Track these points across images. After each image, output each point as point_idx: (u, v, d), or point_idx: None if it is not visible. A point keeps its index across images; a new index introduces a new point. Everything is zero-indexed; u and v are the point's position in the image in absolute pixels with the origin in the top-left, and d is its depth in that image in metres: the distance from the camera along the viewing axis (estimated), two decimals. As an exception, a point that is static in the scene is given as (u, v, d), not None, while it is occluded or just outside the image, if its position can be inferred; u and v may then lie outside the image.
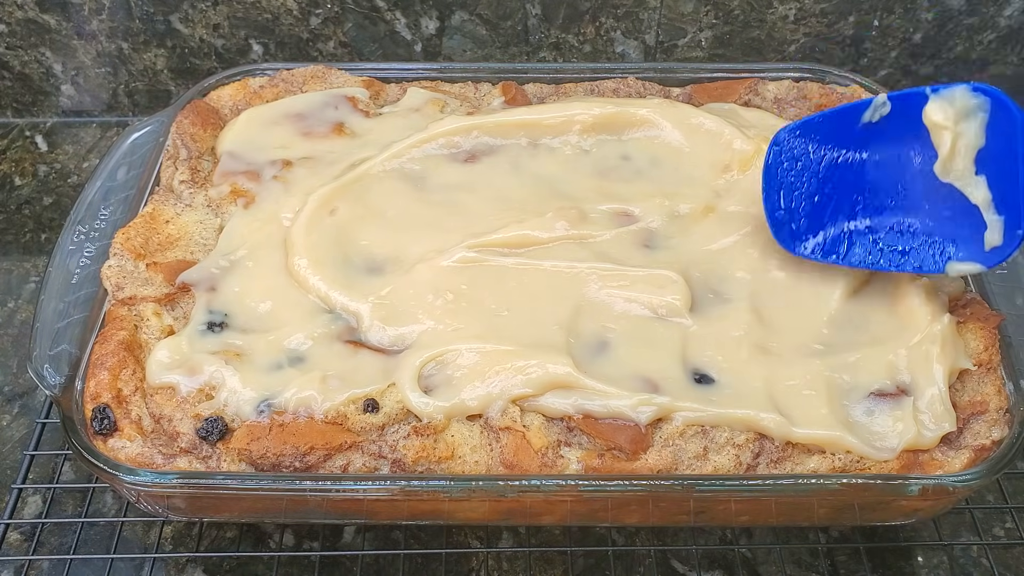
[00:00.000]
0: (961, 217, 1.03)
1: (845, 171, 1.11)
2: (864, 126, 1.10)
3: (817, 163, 1.13)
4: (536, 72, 1.41)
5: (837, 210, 1.12)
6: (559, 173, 1.25)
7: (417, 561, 1.10)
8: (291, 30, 1.56)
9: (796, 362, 1.04)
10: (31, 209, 1.53)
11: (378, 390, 1.02)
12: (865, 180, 1.11)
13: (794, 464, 0.99)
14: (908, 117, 1.06)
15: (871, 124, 1.09)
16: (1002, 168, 0.98)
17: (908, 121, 1.06)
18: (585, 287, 1.10)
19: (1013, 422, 1.00)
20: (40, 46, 1.57)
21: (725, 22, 1.56)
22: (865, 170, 1.11)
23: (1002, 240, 0.99)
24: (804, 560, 1.10)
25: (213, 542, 1.11)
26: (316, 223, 1.16)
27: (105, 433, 1.00)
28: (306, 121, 1.31)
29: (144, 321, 1.09)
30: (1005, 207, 0.99)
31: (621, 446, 0.99)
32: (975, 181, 1.01)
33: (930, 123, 1.03)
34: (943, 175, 1.03)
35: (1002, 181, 0.99)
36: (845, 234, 1.11)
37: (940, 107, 1.02)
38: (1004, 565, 1.09)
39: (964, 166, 1.02)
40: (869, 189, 1.10)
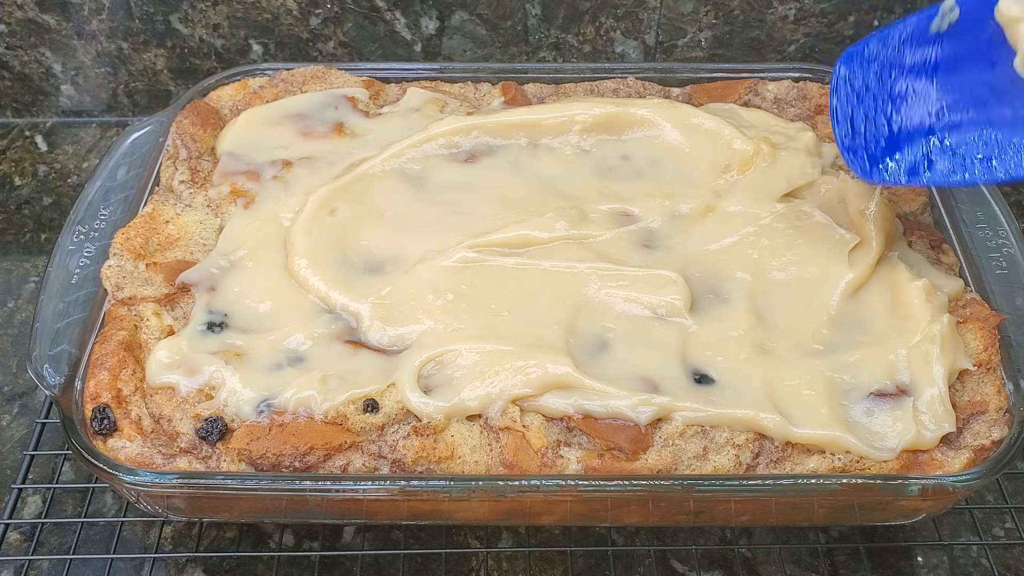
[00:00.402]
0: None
1: (917, 86, 1.06)
2: (934, 36, 1.04)
3: (887, 81, 1.07)
4: (536, 72, 1.41)
5: (914, 127, 1.05)
6: (559, 173, 1.25)
7: (417, 561, 1.10)
8: (291, 30, 1.56)
9: (796, 362, 1.04)
10: (31, 209, 1.53)
11: (378, 390, 1.02)
12: (940, 92, 1.05)
13: (794, 464, 0.99)
14: (979, 19, 1.00)
15: (940, 34, 1.04)
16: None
17: (979, 23, 1.00)
18: (585, 287, 1.10)
19: (1013, 422, 1.00)
20: (40, 46, 1.57)
21: (725, 22, 1.56)
22: (939, 82, 1.05)
23: None
24: (804, 560, 1.10)
25: (213, 542, 1.11)
26: (316, 223, 1.16)
27: (105, 433, 1.00)
28: (306, 121, 1.31)
29: (144, 321, 1.09)
30: None
31: (621, 446, 0.99)
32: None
33: (1005, 19, 0.96)
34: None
35: None
36: (925, 152, 1.04)
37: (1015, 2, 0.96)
38: (1004, 565, 1.09)
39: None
40: (945, 101, 1.05)
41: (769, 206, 1.19)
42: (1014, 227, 1.16)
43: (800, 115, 1.35)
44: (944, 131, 1.04)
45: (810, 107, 1.35)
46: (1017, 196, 1.53)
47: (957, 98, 1.04)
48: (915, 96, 1.07)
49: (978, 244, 1.16)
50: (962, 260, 1.16)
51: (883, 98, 1.08)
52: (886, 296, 1.10)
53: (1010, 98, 1.00)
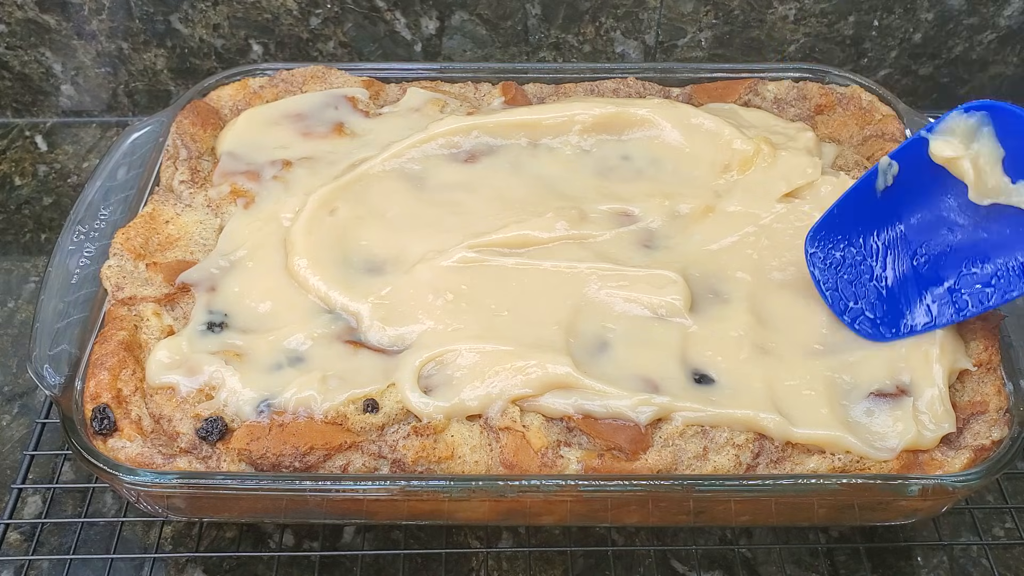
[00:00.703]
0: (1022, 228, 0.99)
1: (892, 244, 1.09)
2: (883, 194, 1.07)
3: (859, 249, 1.10)
4: (536, 72, 1.41)
5: (905, 282, 1.08)
6: (559, 173, 1.25)
7: (417, 561, 1.10)
8: (291, 30, 1.56)
9: (796, 362, 1.04)
10: (31, 209, 1.53)
11: (378, 390, 1.02)
12: (915, 241, 1.08)
13: (794, 464, 0.99)
14: (919, 165, 1.04)
15: (888, 189, 1.07)
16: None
17: (922, 168, 1.04)
18: (585, 287, 1.10)
19: (1013, 422, 1.00)
20: (40, 46, 1.57)
21: (725, 22, 1.56)
22: (910, 233, 1.08)
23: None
24: (804, 560, 1.10)
25: (213, 542, 1.11)
26: (316, 223, 1.16)
27: (105, 433, 1.00)
28: (306, 121, 1.31)
29: (144, 321, 1.09)
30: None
31: (621, 446, 0.99)
32: (1016, 189, 0.98)
33: (942, 160, 1.01)
34: (983, 199, 1.00)
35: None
36: (923, 302, 1.06)
37: (944, 142, 1.01)
38: (1004, 565, 1.09)
39: (997, 180, 0.99)
40: (923, 249, 1.07)
41: (769, 206, 1.19)
42: (1014, 227, 1.16)
43: (800, 115, 1.35)
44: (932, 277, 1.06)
45: (810, 107, 1.35)
46: (1017, 196, 1.53)
47: (932, 242, 1.07)
48: (892, 249, 1.09)
49: (978, 244, 1.16)
50: (962, 260, 1.16)
51: (862, 266, 1.09)
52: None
53: (982, 225, 1.03)
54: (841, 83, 1.38)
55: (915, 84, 1.62)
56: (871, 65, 1.59)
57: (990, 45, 1.57)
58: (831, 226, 1.10)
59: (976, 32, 1.55)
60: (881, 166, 1.06)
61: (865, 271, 1.09)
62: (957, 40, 1.56)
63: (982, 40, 1.56)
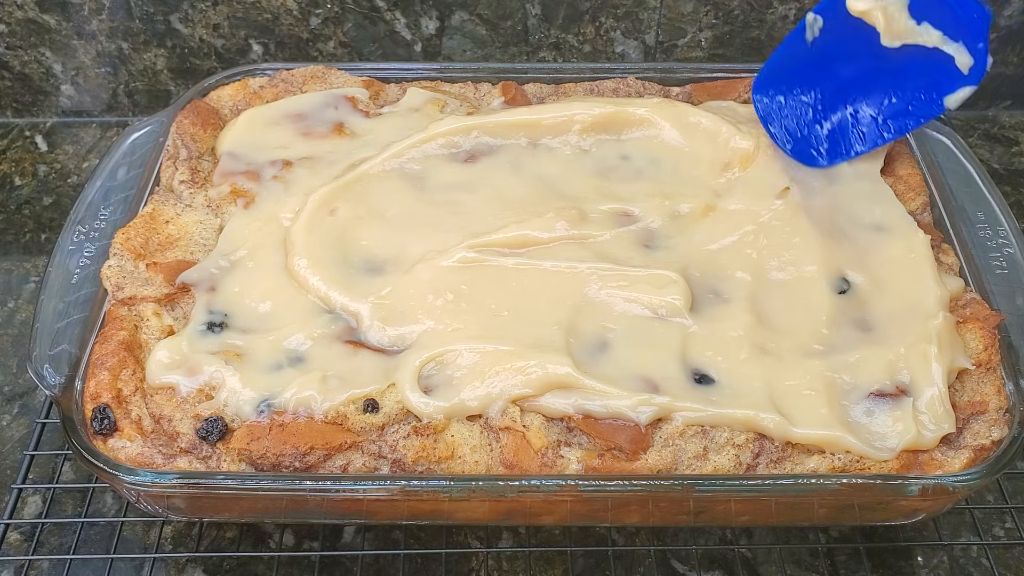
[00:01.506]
0: (932, 64, 1.15)
1: (824, 86, 1.25)
2: (814, 44, 1.23)
3: (797, 92, 1.26)
4: (536, 72, 1.41)
5: (840, 117, 1.24)
6: (559, 173, 1.25)
7: (417, 561, 1.10)
8: (291, 30, 1.56)
9: (796, 362, 1.04)
10: (31, 209, 1.53)
11: (378, 390, 1.02)
12: (844, 82, 1.24)
13: (794, 464, 0.99)
14: (840, 18, 1.19)
15: (816, 40, 1.23)
16: (932, 5, 1.13)
17: (842, 20, 1.19)
18: (585, 287, 1.10)
19: (1013, 422, 1.00)
20: (40, 46, 1.57)
21: (725, 22, 1.56)
22: (838, 75, 1.24)
23: (972, 58, 1.13)
24: (804, 560, 1.10)
25: (213, 542, 1.11)
26: (316, 223, 1.16)
27: (105, 433, 1.00)
28: (306, 121, 1.31)
29: (144, 321, 1.09)
30: (957, 31, 1.12)
31: (621, 446, 0.99)
32: (920, 30, 1.15)
33: (858, 12, 1.17)
34: (893, 41, 1.16)
35: (939, 15, 1.13)
36: (856, 130, 1.23)
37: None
38: (1004, 565, 1.09)
39: (904, 24, 1.15)
40: (851, 87, 1.24)
41: (768, 203, 1.19)
42: (1014, 227, 1.16)
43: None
44: (861, 108, 1.24)
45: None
46: (1017, 196, 1.53)
47: (858, 81, 1.23)
48: (827, 94, 1.25)
49: (978, 244, 1.16)
50: (962, 260, 1.16)
51: (802, 107, 1.26)
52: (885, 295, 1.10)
53: (898, 64, 1.18)
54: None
55: (915, 84, 1.62)
56: (871, 65, 1.59)
57: (990, 45, 1.57)
58: (771, 76, 1.28)
59: (976, 32, 1.55)
60: (808, 21, 1.23)
61: (804, 110, 1.26)
62: (957, 40, 1.56)
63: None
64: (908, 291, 1.11)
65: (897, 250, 1.15)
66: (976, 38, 1.11)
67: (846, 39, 1.21)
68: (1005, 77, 1.61)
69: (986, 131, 1.64)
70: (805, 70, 1.26)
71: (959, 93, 1.15)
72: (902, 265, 1.13)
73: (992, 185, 1.21)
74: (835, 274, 1.12)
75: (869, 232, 1.17)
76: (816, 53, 1.24)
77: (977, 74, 1.13)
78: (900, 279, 1.12)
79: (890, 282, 1.12)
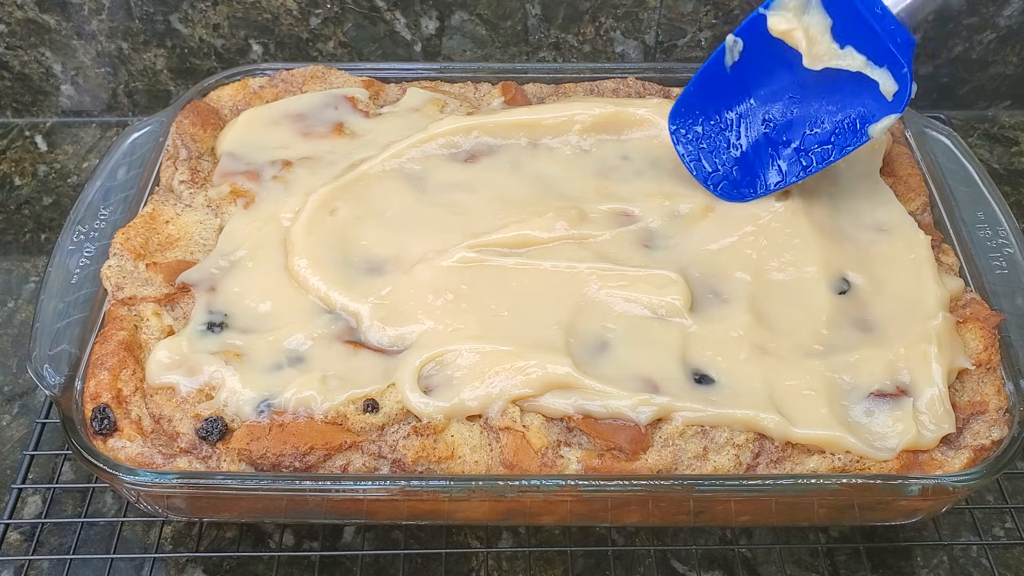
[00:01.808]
0: (856, 90, 1.11)
1: (744, 114, 1.21)
2: (732, 69, 1.18)
3: (716, 122, 1.22)
4: (536, 72, 1.41)
5: (758, 147, 1.20)
6: (559, 173, 1.25)
7: (417, 561, 1.10)
8: (291, 30, 1.56)
9: (796, 362, 1.04)
10: (31, 209, 1.53)
11: (378, 390, 1.02)
12: (763, 110, 1.19)
13: (794, 464, 0.99)
14: (761, 40, 1.15)
15: (736, 65, 1.18)
16: (856, 29, 1.08)
17: (763, 43, 1.15)
18: (585, 287, 1.10)
19: (1013, 422, 1.01)
20: (40, 46, 1.57)
21: (725, 22, 1.56)
22: (758, 103, 1.20)
23: (896, 84, 1.08)
24: (804, 560, 1.10)
25: (213, 542, 1.11)
26: (316, 223, 1.16)
27: (105, 433, 1.00)
28: (306, 121, 1.31)
29: (144, 321, 1.09)
30: (880, 57, 1.08)
31: (621, 446, 0.99)
32: (844, 53, 1.10)
33: (779, 33, 1.13)
34: (816, 64, 1.12)
35: (864, 39, 1.08)
36: (775, 163, 1.18)
37: (779, 16, 1.12)
38: (1004, 565, 1.09)
39: (827, 47, 1.11)
40: (771, 116, 1.19)
41: (768, 203, 1.19)
42: (1014, 227, 1.16)
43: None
44: (781, 140, 1.18)
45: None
46: (1017, 196, 1.53)
47: (778, 108, 1.19)
48: (746, 123, 1.20)
49: (978, 244, 1.16)
50: (962, 260, 1.16)
51: (719, 136, 1.21)
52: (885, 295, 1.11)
53: (820, 89, 1.14)
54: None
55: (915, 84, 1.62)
56: (871, 65, 1.59)
57: (990, 45, 1.57)
58: (690, 104, 1.22)
59: (976, 32, 1.55)
60: (727, 44, 1.17)
61: (723, 141, 1.21)
62: (957, 40, 1.56)
63: (982, 40, 1.56)
64: (908, 291, 1.11)
65: (897, 250, 1.15)
66: (899, 64, 1.06)
67: (767, 63, 1.17)
68: (1005, 77, 1.61)
69: (986, 131, 1.64)
70: (724, 97, 1.21)
71: (881, 123, 1.10)
72: (902, 265, 1.13)
73: (992, 185, 1.21)
74: (835, 274, 1.12)
75: (869, 232, 1.18)
76: (736, 79, 1.19)
77: (900, 101, 1.08)
78: (900, 279, 1.12)
79: (890, 282, 1.12)
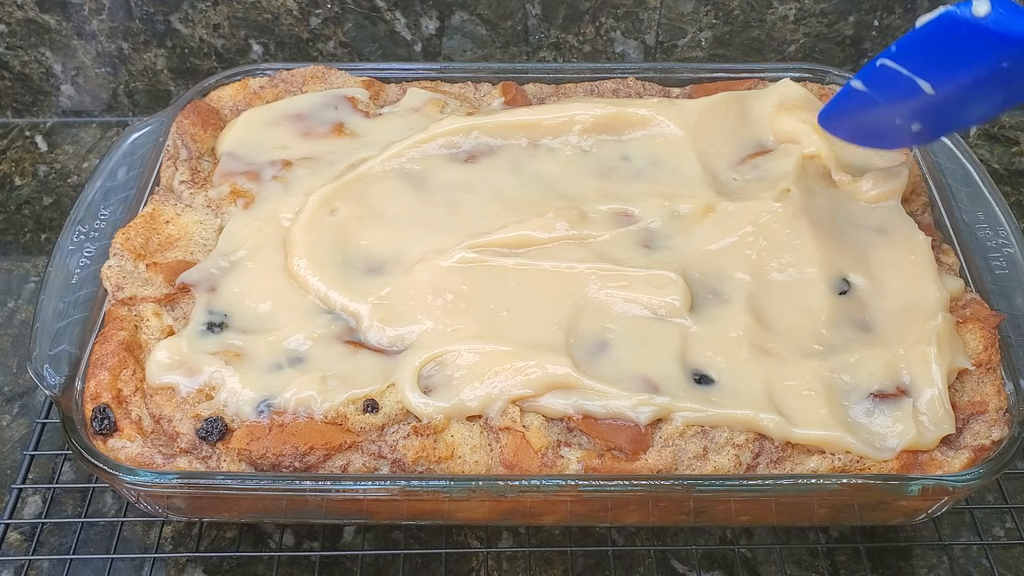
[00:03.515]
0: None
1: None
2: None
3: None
4: (536, 72, 1.41)
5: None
6: (559, 173, 1.25)
7: (417, 561, 1.10)
8: (291, 30, 1.56)
9: (795, 362, 1.04)
10: (31, 209, 1.53)
11: (378, 390, 1.02)
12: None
13: (794, 464, 0.99)
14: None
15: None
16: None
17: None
18: (585, 287, 1.10)
19: (1013, 422, 1.01)
20: (40, 46, 1.57)
21: (725, 22, 1.56)
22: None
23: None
24: (804, 560, 1.10)
25: (213, 542, 1.11)
26: (316, 223, 1.16)
27: (105, 433, 1.00)
28: (306, 121, 1.31)
29: (144, 321, 1.09)
30: None
31: (621, 446, 0.99)
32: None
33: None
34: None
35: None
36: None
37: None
38: (1004, 565, 1.09)
39: None
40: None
41: (768, 203, 1.19)
42: (1014, 227, 1.16)
43: (800, 115, 1.35)
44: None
45: (810, 107, 1.35)
46: (1017, 196, 1.53)
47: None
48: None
49: (978, 244, 1.16)
50: (962, 260, 1.16)
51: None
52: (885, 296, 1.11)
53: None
54: (841, 83, 1.38)
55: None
56: (871, 65, 1.59)
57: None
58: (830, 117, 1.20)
59: (976, 32, 1.55)
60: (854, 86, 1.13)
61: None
62: (957, 40, 1.56)
63: (982, 40, 1.56)
64: (908, 292, 1.11)
65: (897, 251, 1.15)
66: None
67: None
68: (1005, 77, 1.61)
69: (986, 131, 1.64)
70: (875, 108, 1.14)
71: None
72: (902, 266, 1.13)
73: (992, 185, 1.21)
74: (835, 275, 1.12)
75: (869, 233, 1.17)
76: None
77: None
78: (900, 280, 1.12)
79: (890, 283, 1.12)
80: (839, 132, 1.21)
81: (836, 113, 1.20)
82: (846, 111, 1.18)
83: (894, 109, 1.12)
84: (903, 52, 1.06)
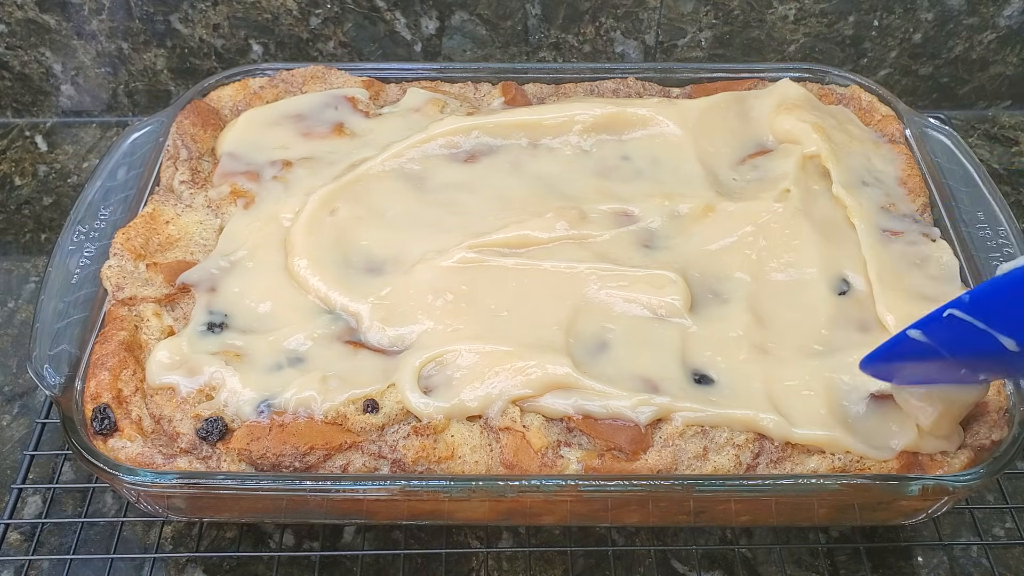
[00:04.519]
0: None
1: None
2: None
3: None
4: (536, 72, 1.41)
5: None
6: (559, 173, 1.25)
7: (417, 561, 1.10)
8: (291, 30, 1.56)
9: (795, 362, 1.04)
10: (31, 209, 1.53)
11: (378, 390, 1.02)
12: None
13: (794, 464, 0.99)
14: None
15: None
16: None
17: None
18: (585, 287, 1.10)
19: (1013, 422, 1.00)
20: (40, 46, 1.57)
21: (725, 22, 1.56)
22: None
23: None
24: (804, 560, 1.10)
25: (213, 542, 1.11)
26: (316, 223, 1.16)
27: (105, 433, 1.00)
28: (306, 121, 1.31)
29: (144, 321, 1.09)
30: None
31: (621, 446, 0.99)
32: None
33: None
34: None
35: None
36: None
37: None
38: (1004, 565, 1.09)
39: None
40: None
41: (768, 204, 1.19)
42: (1014, 227, 1.16)
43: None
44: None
45: (810, 107, 1.35)
46: (1017, 196, 1.53)
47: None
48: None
49: (978, 244, 1.16)
50: (962, 260, 1.16)
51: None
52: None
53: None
54: (841, 83, 1.38)
55: (915, 84, 1.62)
56: (871, 65, 1.60)
57: (990, 45, 1.57)
58: (876, 362, 1.00)
59: (976, 32, 1.55)
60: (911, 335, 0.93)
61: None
62: (957, 40, 1.56)
63: (982, 40, 1.56)
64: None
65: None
66: None
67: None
68: (1005, 77, 1.61)
69: (986, 131, 1.64)
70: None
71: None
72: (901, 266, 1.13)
73: (992, 185, 1.21)
74: (835, 275, 1.12)
75: (869, 233, 1.17)
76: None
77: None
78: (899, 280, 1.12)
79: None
80: (884, 377, 1.01)
81: (884, 360, 0.98)
82: (897, 359, 0.97)
83: (961, 363, 0.94)
84: (980, 304, 0.86)
